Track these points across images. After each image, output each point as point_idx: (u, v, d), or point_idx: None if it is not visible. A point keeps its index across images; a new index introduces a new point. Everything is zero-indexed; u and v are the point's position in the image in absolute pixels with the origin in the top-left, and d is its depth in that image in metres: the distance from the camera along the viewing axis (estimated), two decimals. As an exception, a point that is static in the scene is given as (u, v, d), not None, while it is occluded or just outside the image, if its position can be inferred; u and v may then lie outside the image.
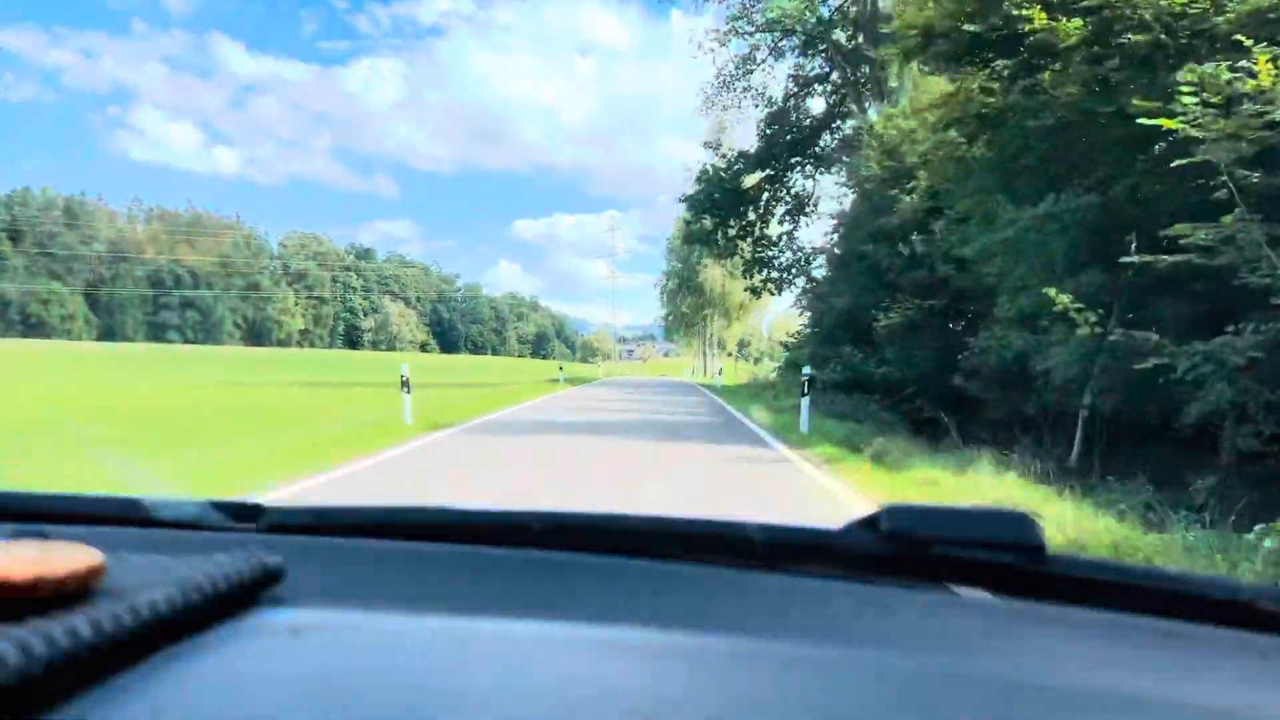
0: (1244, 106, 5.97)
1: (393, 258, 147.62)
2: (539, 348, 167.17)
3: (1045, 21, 7.80)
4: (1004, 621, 0.60)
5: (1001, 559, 0.62)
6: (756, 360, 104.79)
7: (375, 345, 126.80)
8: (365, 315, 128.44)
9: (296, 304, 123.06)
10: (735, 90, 26.64)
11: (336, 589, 0.62)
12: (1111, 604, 0.61)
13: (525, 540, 0.73)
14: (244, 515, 0.78)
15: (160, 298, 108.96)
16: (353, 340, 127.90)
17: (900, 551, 0.64)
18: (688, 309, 64.29)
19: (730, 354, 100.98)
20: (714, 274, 56.61)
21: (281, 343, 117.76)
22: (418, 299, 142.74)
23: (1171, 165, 6.42)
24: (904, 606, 0.62)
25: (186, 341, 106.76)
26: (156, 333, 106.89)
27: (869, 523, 0.66)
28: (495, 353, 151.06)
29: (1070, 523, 5.15)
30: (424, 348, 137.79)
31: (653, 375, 78.79)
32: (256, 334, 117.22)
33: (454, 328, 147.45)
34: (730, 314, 62.80)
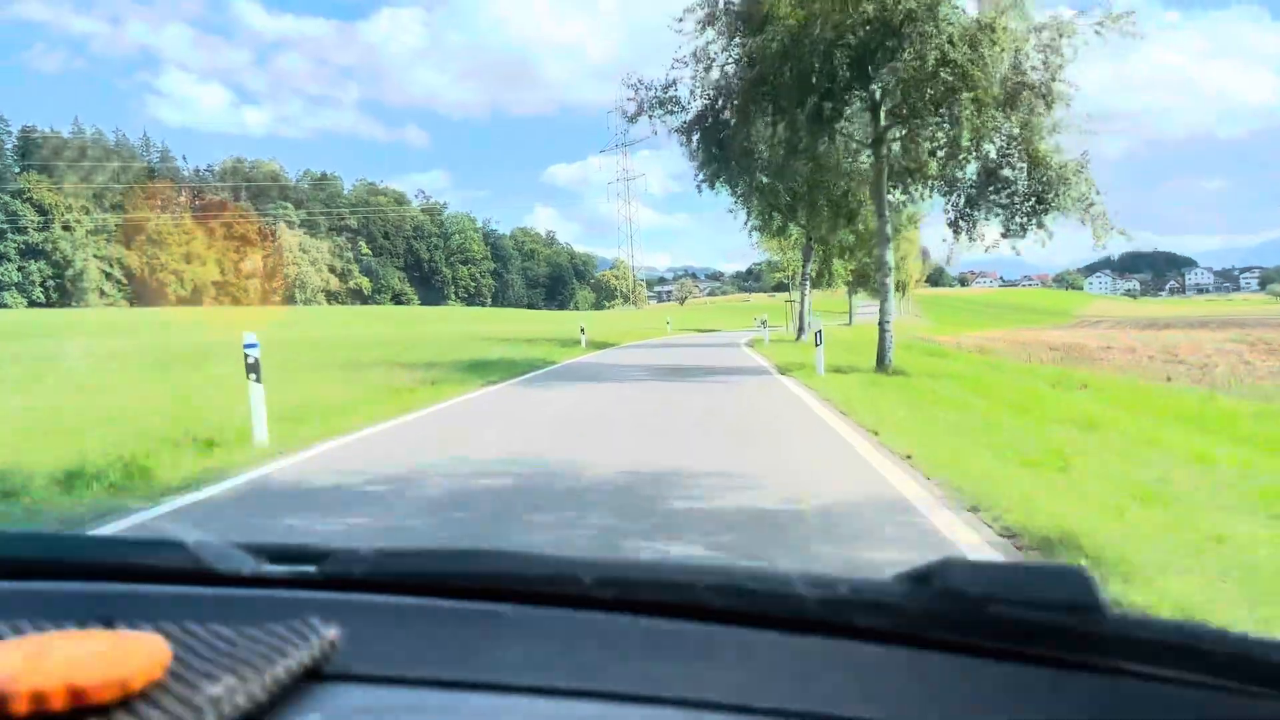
0: None
1: (360, 185, 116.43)
2: (554, 292, 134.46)
3: None
4: (1061, 690, 0.59)
5: (1059, 619, 0.60)
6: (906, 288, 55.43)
7: (289, 298, 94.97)
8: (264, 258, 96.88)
9: (210, 248, 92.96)
10: None
11: (393, 657, 0.64)
12: (1176, 668, 0.59)
13: (576, 592, 0.72)
14: (302, 558, 0.78)
15: (-8, 245, 79.87)
16: (291, 296, 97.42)
17: (955, 609, 0.62)
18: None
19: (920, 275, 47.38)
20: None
21: (186, 301, 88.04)
22: (385, 235, 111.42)
23: None
24: (960, 674, 0.61)
25: (33, 304, 77.95)
26: (-12, 293, 78.16)
27: (922, 577, 0.64)
28: (496, 301, 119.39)
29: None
30: (391, 299, 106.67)
31: (689, 332, 46.14)
32: (146, 291, 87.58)
33: (437, 270, 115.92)
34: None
